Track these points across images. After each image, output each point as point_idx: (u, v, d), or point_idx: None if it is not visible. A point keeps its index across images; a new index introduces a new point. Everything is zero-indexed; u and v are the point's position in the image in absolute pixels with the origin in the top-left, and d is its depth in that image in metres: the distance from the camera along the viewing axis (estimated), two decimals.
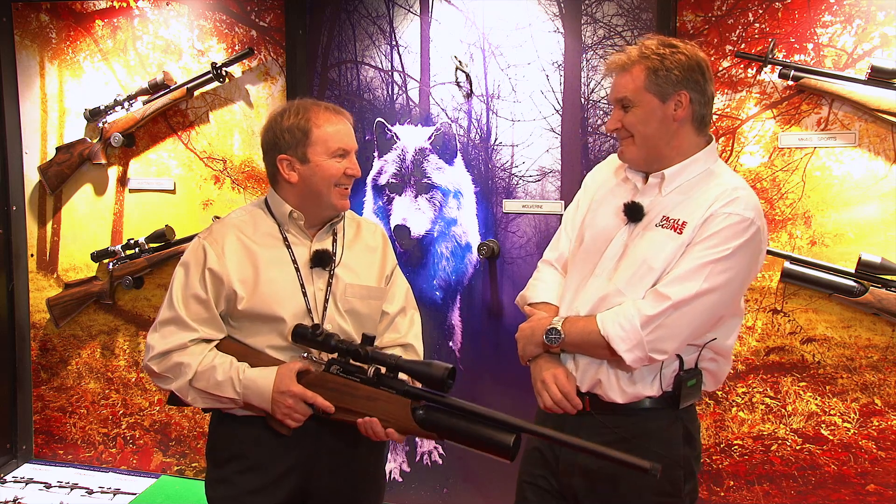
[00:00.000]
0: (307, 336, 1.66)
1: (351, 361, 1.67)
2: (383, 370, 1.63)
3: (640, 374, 1.65)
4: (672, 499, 1.69)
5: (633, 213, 1.68)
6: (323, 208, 1.78)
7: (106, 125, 3.06)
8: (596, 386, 1.67)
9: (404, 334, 1.88)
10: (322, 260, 1.77)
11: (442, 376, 1.54)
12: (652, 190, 1.70)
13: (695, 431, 1.75)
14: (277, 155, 1.75)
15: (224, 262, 1.72)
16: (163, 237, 3.01)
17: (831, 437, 2.48)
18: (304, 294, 1.75)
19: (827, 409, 2.48)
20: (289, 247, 1.78)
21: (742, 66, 2.49)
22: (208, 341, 1.73)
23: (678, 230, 1.61)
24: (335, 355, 1.68)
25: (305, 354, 1.70)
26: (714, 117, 2.52)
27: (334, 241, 1.83)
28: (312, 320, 1.74)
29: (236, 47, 2.95)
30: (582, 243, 1.75)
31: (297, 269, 1.76)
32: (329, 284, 1.78)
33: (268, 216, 1.81)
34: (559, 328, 1.65)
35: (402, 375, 1.64)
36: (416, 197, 2.84)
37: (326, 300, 1.77)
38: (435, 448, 2.91)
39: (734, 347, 1.69)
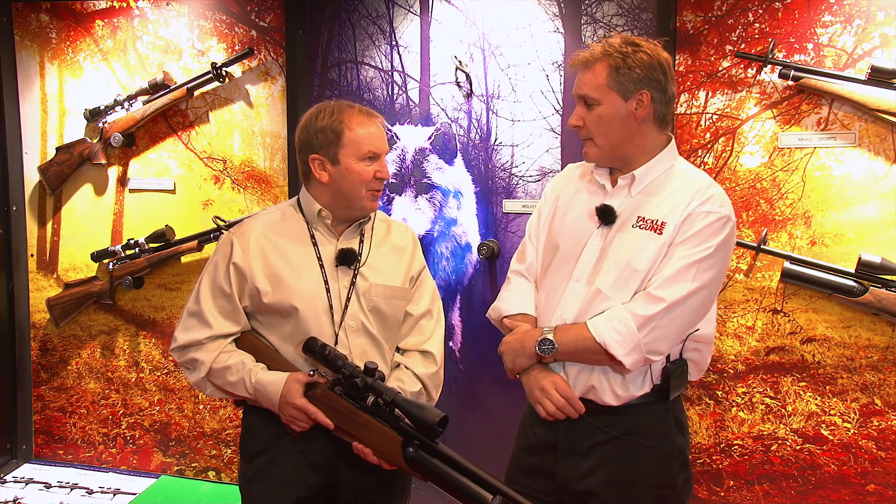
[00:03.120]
0: (315, 351, 1.69)
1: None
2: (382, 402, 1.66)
3: (632, 376, 1.65)
4: (669, 490, 1.70)
5: (606, 215, 1.69)
6: (353, 209, 1.83)
7: (106, 125, 3.06)
8: (589, 391, 1.67)
9: (427, 338, 1.89)
10: (347, 258, 1.81)
11: (433, 423, 1.56)
12: (621, 191, 1.71)
13: (685, 421, 1.78)
14: (310, 154, 1.80)
15: (248, 256, 1.78)
16: (163, 237, 3.01)
17: (831, 437, 2.48)
18: (328, 291, 1.79)
19: (827, 409, 2.48)
20: (315, 244, 1.82)
21: (742, 66, 2.49)
22: (226, 336, 1.78)
23: (658, 231, 1.63)
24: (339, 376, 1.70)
25: (313, 372, 1.73)
26: (714, 117, 2.52)
27: (361, 241, 1.87)
28: (333, 317, 1.78)
29: (236, 47, 2.95)
30: (558, 249, 1.76)
31: (322, 267, 1.80)
32: (353, 283, 1.81)
33: (298, 214, 1.86)
34: (551, 338, 1.65)
35: None
36: (416, 197, 2.84)
37: (349, 298, 1.80)
38: None
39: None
